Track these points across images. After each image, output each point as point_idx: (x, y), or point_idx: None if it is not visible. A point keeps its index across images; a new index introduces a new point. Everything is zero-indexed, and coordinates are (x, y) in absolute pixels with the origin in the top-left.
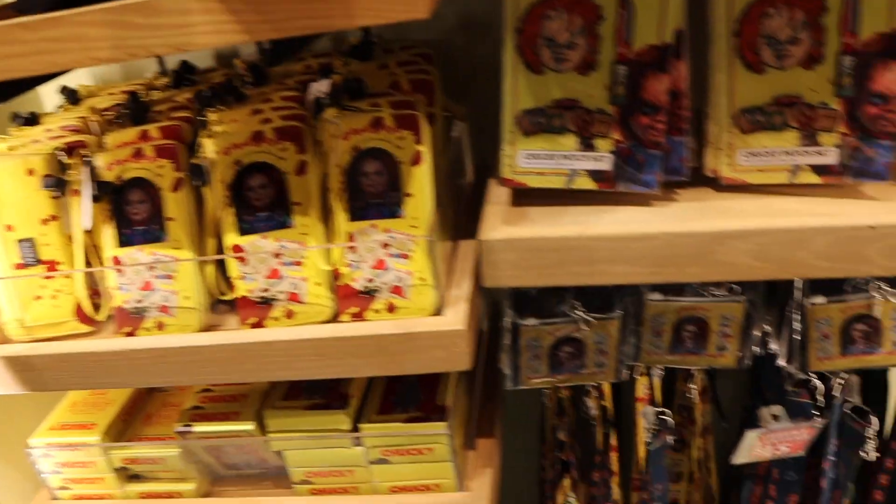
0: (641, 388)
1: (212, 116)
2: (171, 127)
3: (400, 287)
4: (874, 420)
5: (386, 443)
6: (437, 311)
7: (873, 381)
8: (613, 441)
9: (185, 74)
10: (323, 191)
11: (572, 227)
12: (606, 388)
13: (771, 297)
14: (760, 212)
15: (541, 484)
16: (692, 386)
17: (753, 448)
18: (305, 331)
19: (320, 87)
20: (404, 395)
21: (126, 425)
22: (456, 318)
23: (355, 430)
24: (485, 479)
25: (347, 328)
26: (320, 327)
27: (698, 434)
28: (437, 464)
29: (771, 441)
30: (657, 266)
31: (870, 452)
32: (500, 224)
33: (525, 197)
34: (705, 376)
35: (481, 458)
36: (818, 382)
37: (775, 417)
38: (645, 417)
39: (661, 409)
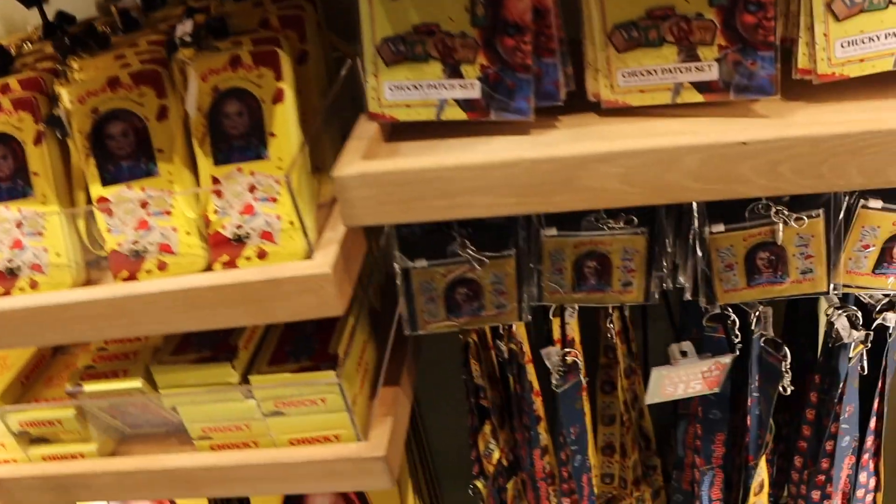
0: (557, 330)
1: (74, 64)
2: (30, 79)
3: (270, 232)
4: (788, 352)
5: (277, 394)
6: (310, 256)
7: (803, 314)
8: (536, 385)
9: (61, 25)
10: (187, 136)
11: (429, 158)
12: (520, 329)
13: (679, 229)
14: (634, 134)
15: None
16: (609, 325)
17: (664, 386)
18: (173, 282)
19: (184, 29)
20: (299, 346)
21: (25, 389)
22: (323, 261)
23: (245, 382)
24: (384, 427)
25: (214, 277)
26: (187, 278)
27: (622, 375)
28: (333, 414)
29: (681, 378)
30: (521, 196)
31: (787, 387)
32: (357, 159)
33: (401, 132)
34: (621, 314)
35: (383, 406)
36: (734, 316)
37: (684, 354)
38: (548, 359)
39: (566, 350)
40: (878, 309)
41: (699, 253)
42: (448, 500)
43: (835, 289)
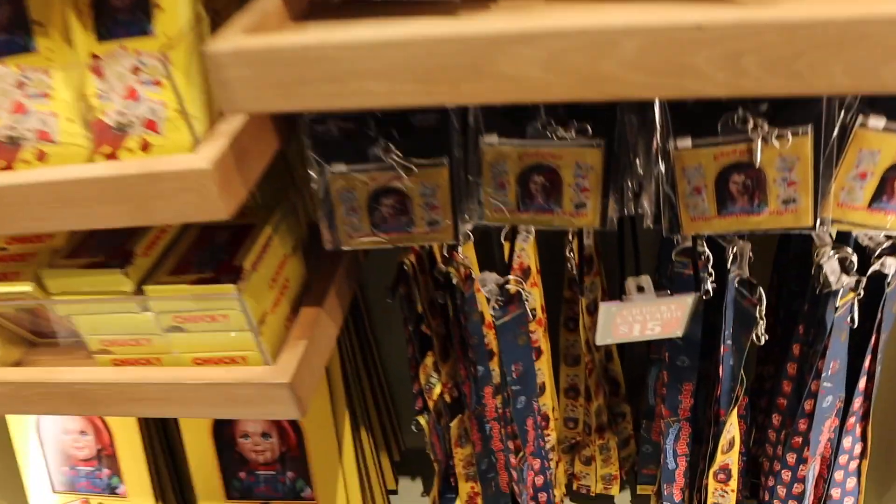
0: (509, 256)
1: None
2: None
3: (154, 121)
4: (763, 296)
5: (175, 308)
6: (196, 149)
7: (796, 254)
8: (488, 316)
9: None
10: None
11: (315, 34)
12: (469, 252)
13: (642, 143)
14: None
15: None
16: (569, 255)
17: (615, 326)
18: (46, 174)
19: None
20: (207, 256)
21: None
22: (205, 155)
23: (141, 292)
24: (295, 352)
25: (88, 170)
26: (60, 170)
27: (584, 312)
28: (237, 333)
29: (635, 318)
30: (423, 82)
31: (761, 336)
32: (237, 34)
33: (321, 13)
34: (580, 242)
35: (301, 328)
36: (708, 252)
37: (640, 289)
38: (484, 286)
39: (506, 277)
40: (877, 253)
41: (662, 172)
42: (409, 433)
43: (822, 223)
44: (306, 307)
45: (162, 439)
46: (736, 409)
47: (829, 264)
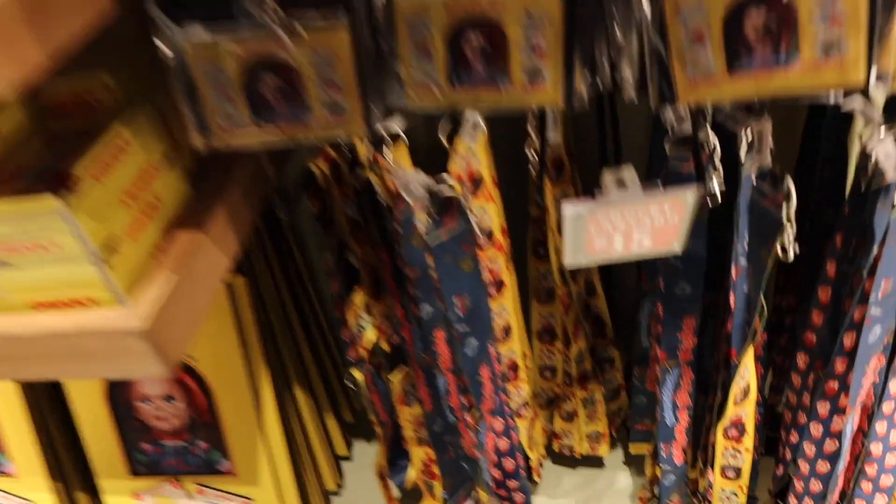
0: (453, 158)
1: None
2: None
3: None
4: (791, 190)
5: None
6: None
7: (829, 141)
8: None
9: None
10: None
11: None
12: (400, 154)
13: None
14: None
15: None
16: (529, 151)
17: (590, 237)
18: None
19: None
20: (42, 165)
21: None
22: None
23: None
24: (157, 288)
25: None
26: None
27: (554, 231)
28: (76, 266)
29: (615, 225)
30: None
31: (789, 248)
32: None
33: None
34: (541, 133)
35: (171, 259)
36: (713, 139)
37: (622, 185)
38: (407, 191)
39: (438, 178)
40: None
41: (647, 14)
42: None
43: (878, 78)
44: (182, 232)
45: (55, 407)
46: (752, 348)
47: (883, 147)
